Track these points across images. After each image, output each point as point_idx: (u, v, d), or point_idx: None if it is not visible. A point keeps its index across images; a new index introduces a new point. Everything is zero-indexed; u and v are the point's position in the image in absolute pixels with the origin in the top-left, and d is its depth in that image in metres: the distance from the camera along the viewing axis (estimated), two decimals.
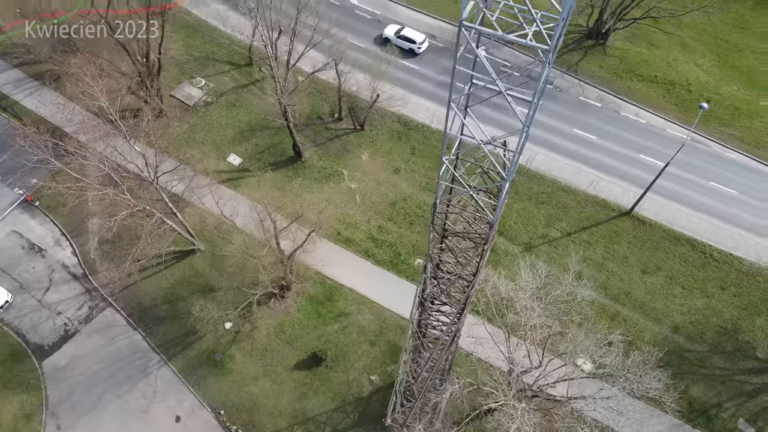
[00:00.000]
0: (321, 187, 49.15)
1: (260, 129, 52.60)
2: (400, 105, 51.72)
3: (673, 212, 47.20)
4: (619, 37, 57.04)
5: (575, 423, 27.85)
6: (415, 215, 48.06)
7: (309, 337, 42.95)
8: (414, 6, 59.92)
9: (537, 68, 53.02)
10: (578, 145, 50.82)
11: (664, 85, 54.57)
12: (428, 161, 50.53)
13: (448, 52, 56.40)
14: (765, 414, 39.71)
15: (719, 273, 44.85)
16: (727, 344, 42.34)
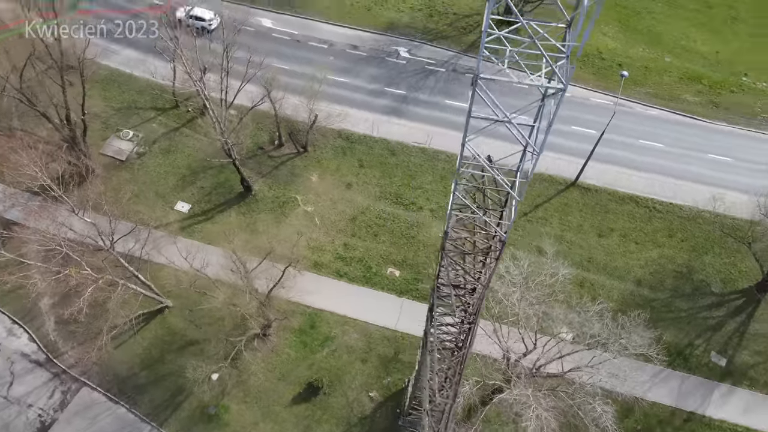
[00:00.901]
0: (279, 217, 48.66)
1: (202, 170, 51.29)
2: (338, 120, 51.91)
3: (613, 175, 50.24)
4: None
5: (585, 397, 29.46)
6: (377, 226, 48.54)
7: (300, 369, 42.59)
8: (331, 20, 60.16)
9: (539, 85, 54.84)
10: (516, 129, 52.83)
11: (579, 58, 57.70)
12: (377, 171, 51.12)
13: (374, 60, 57.16)
14: (732, 343, 43.27)
15: (665, 223, 48.26)
16: (685, 287, 45.69)
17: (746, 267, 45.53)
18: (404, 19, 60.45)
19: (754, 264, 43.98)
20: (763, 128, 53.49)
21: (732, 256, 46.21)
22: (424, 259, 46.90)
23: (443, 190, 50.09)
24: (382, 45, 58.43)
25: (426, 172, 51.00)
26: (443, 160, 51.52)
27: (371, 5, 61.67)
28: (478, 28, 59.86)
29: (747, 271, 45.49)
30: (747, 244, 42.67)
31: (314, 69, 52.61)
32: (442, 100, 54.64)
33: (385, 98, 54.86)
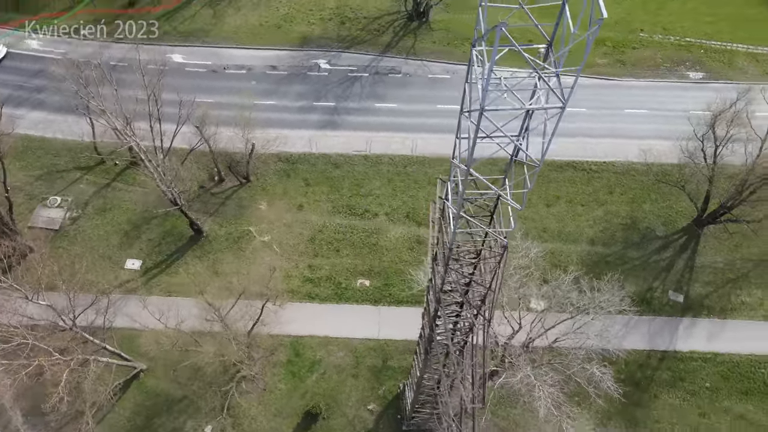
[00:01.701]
0: (237, 253, 47.62)
1: (145, 222, 49.28)
2: (276, 144, 51.25)
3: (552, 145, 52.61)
4: (437, 11, 61.28)
5: (582, 364, 31.10)
6: (336, 241, 48.51)
7: (294, 399, 42.12)
8: (243, 44, 59.13)
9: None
10: (447, 119, 54.14)
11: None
12: (325, 186, 51.02)
13: (296, 77, 56.81)
14: (684, 279, 46.74)
15: (603, 181, 51.25)
16: (633, 236, 48.81)
17: (682, 207, 49.22)
18: (317, 31, 60.35)
19: (689, 203, 47.63)
20: (668, 77, 57.73)
21: (668, 200, 49.80)
22: (389, 264, 47.40)
23: (392, 193, 50.78)
24: (300, 61, 58.12)
25: (373, 179, 51.43)
26: (387, 163, 52.15)
27: (280, 23, 61.13)
28: (390, 28, 60.78)
29: (683, 211, 49.20)
30: (680, 187, 46.12)
31: (239, 97, 51.66)
32: (373, 105, 55.18)
33: (316, 113, 54.72)
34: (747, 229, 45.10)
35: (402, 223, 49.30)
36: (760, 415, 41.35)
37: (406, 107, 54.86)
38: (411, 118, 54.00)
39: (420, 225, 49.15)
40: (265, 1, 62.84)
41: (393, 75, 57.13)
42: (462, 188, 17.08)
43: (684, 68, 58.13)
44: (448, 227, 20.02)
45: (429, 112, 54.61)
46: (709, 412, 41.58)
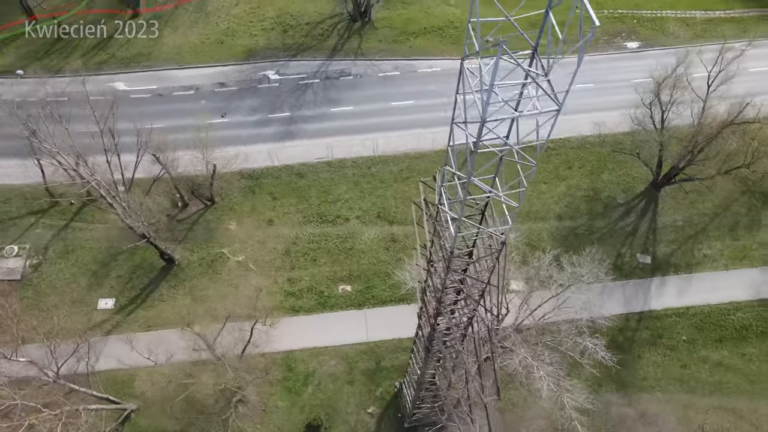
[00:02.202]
0: (213, 277, 46.85)
1: (112, 259, 47.79)
2: (236, 162, 50.57)
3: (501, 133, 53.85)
4: (379, 10, 61.57)
5: (574, 338, 32.25)
6: (312, 251, 48.35)
7: (294, 415, 41.93)
8: (187, 64, 57.88)
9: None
10: (404, 115, 54.82)
11: (435, 32, 60.69)
12: (292, 198, 50.71)
13: (246, 91, 56.12)
14: (649, 241, 48.90)
15: (561, 158, 52.90)
16: (597, 207, 50.65)
17: (638, 173, 51.39)
18: (261, 43, 59.66)
19: (644, 169, 49.80)
20: (607, 49, 59.91)
21: (624, 168, 51.90)
22: (368, 266, 47.63)
23: (361, 195, 50.96)
24: (248, 74, 57.38)
25: (339, 184, 51.44)
26: (350, 166, 52.25)
27: (222, 38, 60.11)
28: (334, 30, 60.69)
29: (640, 176, 51.38)
30: (635, 154, 48.15)
31: (192, 118, 50.69)
32: (328, 110, 55.09)
33: (273, 125, 54.21)
34: (701, 186, 47.57)
35: (374, 224, 49.57)
36: (735, 360, 43.85)
37: (362, 108, 55.06)
38: (368, 118, 54.25)
39: (392, 224, 49.56)
40: (203, 18, 61.63)
41: (344, 78, 57.14)
42: (463, 195, 17.43)
43: (621, 39, 60.47)
44: (444, 230, 20.42)
45: (385, 110, 54.96)
46: (689, 363, 43.79)
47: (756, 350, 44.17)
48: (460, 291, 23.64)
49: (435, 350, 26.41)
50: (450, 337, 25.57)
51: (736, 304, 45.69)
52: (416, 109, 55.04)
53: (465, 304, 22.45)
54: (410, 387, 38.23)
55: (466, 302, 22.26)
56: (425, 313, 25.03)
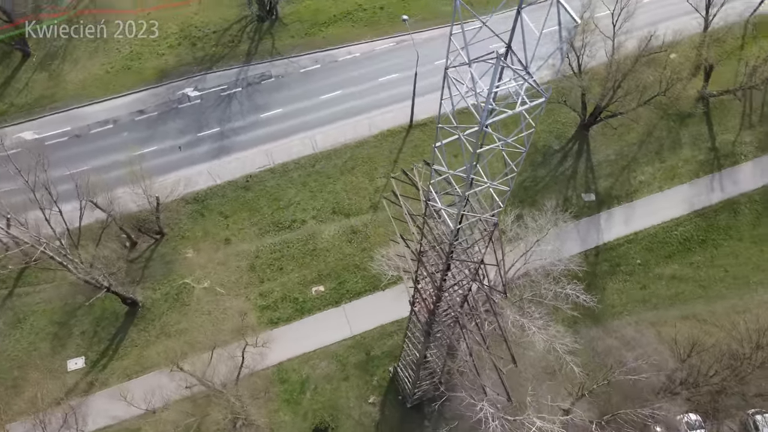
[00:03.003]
0: (182, 309, 45.69)
1: (70, 317, 45.51)
2: (177, 189, 49.02)
3: (435, 101, 54.87)
4: (284, 6, 60.52)
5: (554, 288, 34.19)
6: (277, 260, 47.99)
7: (299, 424, 42.11)
8: (97, 98, 54.91)
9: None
10: (335, 106, 54.74)
11: (345, 18, 60.49)
12: (244, 212, 49.89)
13: (168, 114, 54.11)
14: (588, 179, 51.87)
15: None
16: (536, 157, 52.97)
17: (566, 118, 54.07)
18: (171, 61, 57.37)
19: (572, 114, 52.48)
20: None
21: (553, 116, 54.41)
22: (335, 263, 47.87)
23: (311, 195, 50.81)
24: (165, 96, 55.22)
25: (287, 188, 51.02)
26: (294, 169, 51.84)
27: (128, 63, 57.31)
28: (244, 35, 59.22)
29: (569, 121, 54.09)
30: (562, 102, 50.58)
31: (118, 154, 48.65)
32: (258, 117, 54.13)
33: (205, 144, 52.72)
34: (625, 120, 50.77)
35: (332, 221, 49.72)
36: (685, 270, 47.81)
37: (292, 108, 54.51)
38: (301, 117, 53.81)
39: (349, 216, 49.88)
40: (102, 47, 58.40)
41: (266, 81, 56.14)
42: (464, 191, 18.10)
43: None
44: (438, 223, 21.12)
45: (315, 106, 54.65)
46: (647, 283, 47.33)
47: (701, 258, 48.33)
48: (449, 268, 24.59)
49: (435, 332, 27.38)
50: (447, 315, 26.57)
51: (676, 221, 49.60)
52: (346, 98, 55.08)
53: (460, 286, 23.41)
54: (407, 369, 39.30)
55: (461, 284, 23.22)
56: (421, 300, 25.84)
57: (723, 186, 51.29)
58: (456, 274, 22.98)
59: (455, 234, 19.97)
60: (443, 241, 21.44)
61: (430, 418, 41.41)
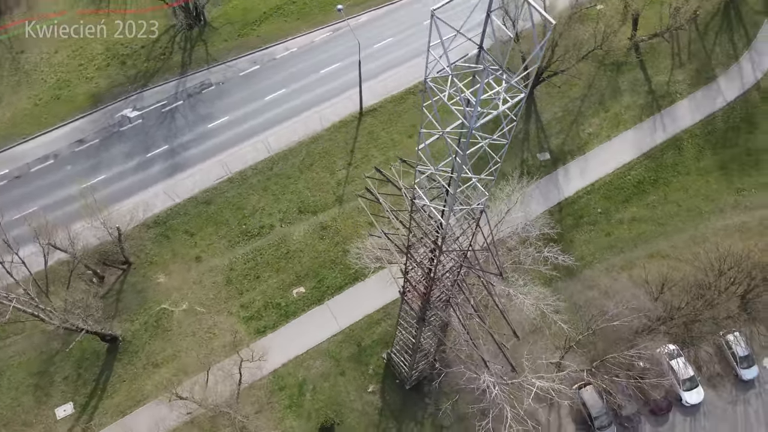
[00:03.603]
0: (164, 335, 44.89)
1: (49, 365, 43.97)
2: (136, 214, 47.61)
3: (384, 84, 54.97)
4: (211, 9, 58.75)
5: (532, 254, 35.39)
6: (252, 269, 47.55)
7: (304, 425, 42.42)
8: (31, 134, 52.27)
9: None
10: (282, 105, 54.03)
11: (276, 14, 59.32)
12: (209, 227, 49.04)
13: (111, 139, 52.17)
14: (540, 138, 53.39)
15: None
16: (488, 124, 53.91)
17: None
18: (102, 84, 55.04)
19: None
20: None
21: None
22: (311, 262, 47.87)
23: (275, 198, 50.37)
24: (104, 121, 53.11)
25: (249, 196, 50.36)
26: (252, 174, 51.12)
27: (57, 92, 54.66)
28: (174, 45, 57.30)
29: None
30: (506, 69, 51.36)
31: (67, 189, 46.80)
32: (206, 128, 52.87)
33: (156, 164, 51.20)
34: (567, 77, 52.29)
35: (299, 221, 49.53)
36: (643, 211, 50.25)
37: (239, 114, 53.49)
38: (249, 121, 52.91)
39: (316, 213, 49.81)
40: (24, 78, 55.41)
41: (207, 90, 54.73)
42: (453, 189, 18.51)
43: None
44: (427, 219, 21.54)
45: (262, 107, 53.80)
46: (610, 229, 49.54)
47: (655, 197, 50.86)
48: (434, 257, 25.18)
49: (429, 317, 28.10)
50: (440, 299, 27.28)
51: (627, 165, 51.87)
52: (291, 95, 54.42)
53: (452, 272, 24.06)
54: (402, 354, 40.08)
55: (452, 270, 23.87)
56: (413, 289, 26.40)
57: (665, 126, 53.83)
58: (447, 262, 23.60)
59: (446, 228, 20.47)
60: (432, 234, 21.95)
61: (431, 395, 42.55)
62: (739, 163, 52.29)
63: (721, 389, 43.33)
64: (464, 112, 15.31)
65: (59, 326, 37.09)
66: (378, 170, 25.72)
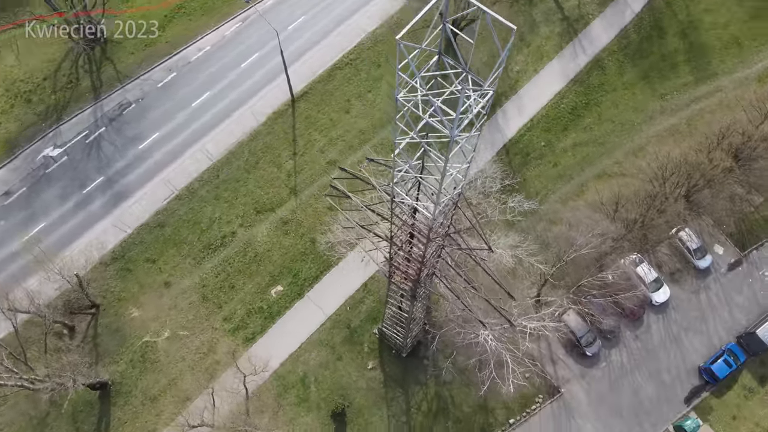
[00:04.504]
0: (153, 366, 44.27)
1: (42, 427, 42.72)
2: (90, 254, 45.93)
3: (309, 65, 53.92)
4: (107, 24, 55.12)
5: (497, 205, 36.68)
6: (225, 280, 47.05)
7: (315, 417, 43.40)
8: None
9: None
10: (211, 109, 52.21)
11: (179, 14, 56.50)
12: (171, 249, 47.82)
13: (39, 183, 49.27)
14: None
15: (365, 62, 54.78)
16: None
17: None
18: (12, 128, 51.40)
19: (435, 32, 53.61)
20: None
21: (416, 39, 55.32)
22: (281, 259, 47.78)
23: (229, 205, 49.46)
24: (25, 167, 49.94)
25: (202, 208, 49.18)
26: (199, 186, 49.76)
27: None
28: (79, 70, 53.78)
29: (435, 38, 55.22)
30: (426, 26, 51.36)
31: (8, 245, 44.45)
32: (137, 149, 50.66)
33: (96, 198, 48.93)
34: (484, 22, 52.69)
35: (259, 221, 49.02)
36: (582, 135, 52.53)
37: (169, 127, 51.46)
38: (182, 133, 51.06)
39: (273, 210, 49.39)
40: None
41: (127, 110, 52.12)
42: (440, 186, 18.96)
43: None
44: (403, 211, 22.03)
45: (191, 115, 51.92)
46: (557, 159, 51.64)
47: (590, 119, 53.16)
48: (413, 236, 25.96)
49: (421, 294, 29.08)
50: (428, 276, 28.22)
51: (559, 95, 53.71)
52: (217, 96, 52.69)
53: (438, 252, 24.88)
54: (394, 327, 41.24)
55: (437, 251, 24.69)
56: (400, 273, 27.15)
57: (584, 48, 55.71)
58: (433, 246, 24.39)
59: (434, 220, 21.10)
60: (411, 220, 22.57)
61: (428, 357, 44.21)
62: (657, 70, 55.06)
63: (683, 283, 47.11)
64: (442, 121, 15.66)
65: (48, 390, 35.91)
66: (343, 169, 25.88)
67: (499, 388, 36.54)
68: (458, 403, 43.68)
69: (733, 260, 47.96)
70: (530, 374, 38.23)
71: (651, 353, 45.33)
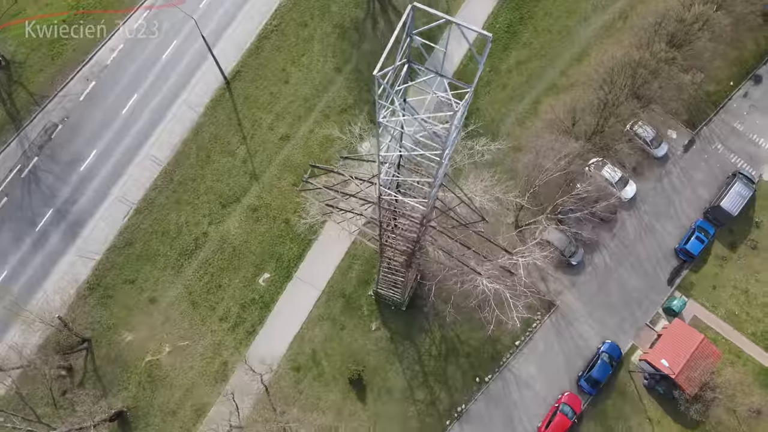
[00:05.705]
0: (161, 381, 44.25)
1: None
2: (65, 292, 44.35)
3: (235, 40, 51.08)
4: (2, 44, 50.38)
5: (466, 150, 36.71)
6: (209, 283, 46.45)
7: (335, 388, 44.58)
8: None
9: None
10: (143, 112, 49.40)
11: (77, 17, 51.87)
12: (146, 265, 46.57)
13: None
14: None
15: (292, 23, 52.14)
16: (352, 36, 52.27)
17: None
18: None
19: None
20: None
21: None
22: (260, 246, 47.23)
23: (193, 206, 47.96)
24: None
25: (166, 217, 47.55)
26: (157, 195, 47.89)
27: None
28: None
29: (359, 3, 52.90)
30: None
31: None
32: (80, 171, 47.95)
33: (52, 233, 46.62)
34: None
35: (228, 215, 47.93)
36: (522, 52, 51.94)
37: (105, 140, 48.63)
38: (121, 144, 48.39)
39: (238, 200, 48.27)
40: None
41: (56, 133, 48.75)
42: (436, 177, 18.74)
43: None
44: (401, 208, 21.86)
45: (125, 122, 49.09)
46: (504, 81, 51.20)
47: (528, 34, 52.57)
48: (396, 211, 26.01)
49: (417, 261, 29.49)
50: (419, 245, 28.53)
51: (492, 16, 52.74)
52: (147, 96, 49.72)
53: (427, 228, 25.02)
54: (390, 288, 41.98)
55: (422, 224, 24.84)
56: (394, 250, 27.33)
57: None
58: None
59: (430, 209, 21.02)
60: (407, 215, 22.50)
61: (428, 305, 45.38)
62: None
63: (646, 174, 49.02)
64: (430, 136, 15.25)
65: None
66: (314, 166, 25.28)
67: (504, 324, 38.13)
68: (465, 339, 45.50)
69: (686, 141, 49.94)
70: (528, 301, 39.77)
71: (629, 247, 47.71)
